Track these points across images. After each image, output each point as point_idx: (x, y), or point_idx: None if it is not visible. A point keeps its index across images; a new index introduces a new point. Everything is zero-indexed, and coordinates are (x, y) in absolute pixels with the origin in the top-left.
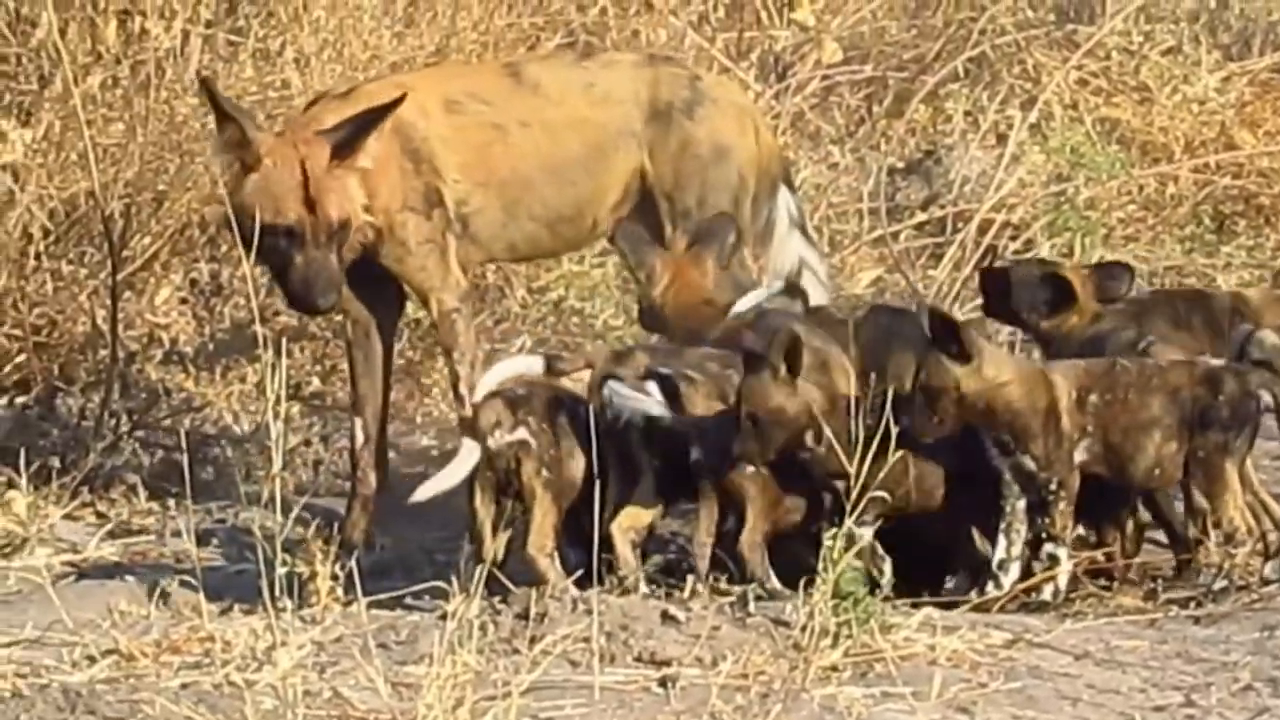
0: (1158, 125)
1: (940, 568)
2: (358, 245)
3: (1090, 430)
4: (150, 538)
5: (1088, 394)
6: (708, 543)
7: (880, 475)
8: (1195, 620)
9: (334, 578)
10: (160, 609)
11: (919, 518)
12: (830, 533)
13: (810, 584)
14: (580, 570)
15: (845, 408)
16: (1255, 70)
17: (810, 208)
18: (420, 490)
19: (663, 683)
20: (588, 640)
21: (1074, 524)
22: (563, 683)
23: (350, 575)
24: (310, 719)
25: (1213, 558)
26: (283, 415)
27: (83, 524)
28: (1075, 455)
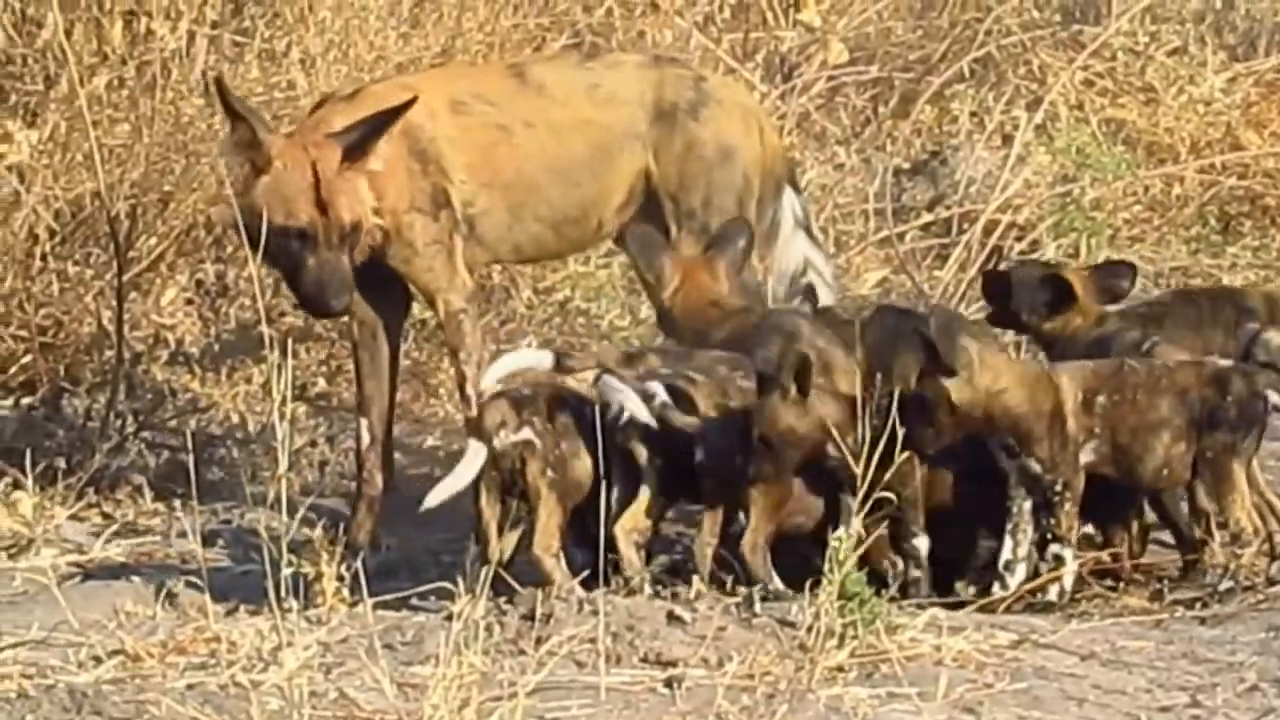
0: (1163, 126)
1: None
2: (366, 247)
3: (1098, 431)
4: (156, 538)
5: (1095, 395)
6: (712, 544)
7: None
8: (1201, 621)
9: (340, 578)
10: (166, 610)
11: (929, 518)
12: (836, 534)
13: (815, 585)
14: (586, 571)
15: (852, 409)
16: (1261, 71)
17: (816, 208)
18: (430, 496)
19: (668, 683)
20: (593, 641)
21: (1081, 524)
22: (568, 683)
23: (356, 576)
24: (316, 719)
25: (1218, 558)
26: (288, 416)
27: (88, 525)
28: (1083, 456)
